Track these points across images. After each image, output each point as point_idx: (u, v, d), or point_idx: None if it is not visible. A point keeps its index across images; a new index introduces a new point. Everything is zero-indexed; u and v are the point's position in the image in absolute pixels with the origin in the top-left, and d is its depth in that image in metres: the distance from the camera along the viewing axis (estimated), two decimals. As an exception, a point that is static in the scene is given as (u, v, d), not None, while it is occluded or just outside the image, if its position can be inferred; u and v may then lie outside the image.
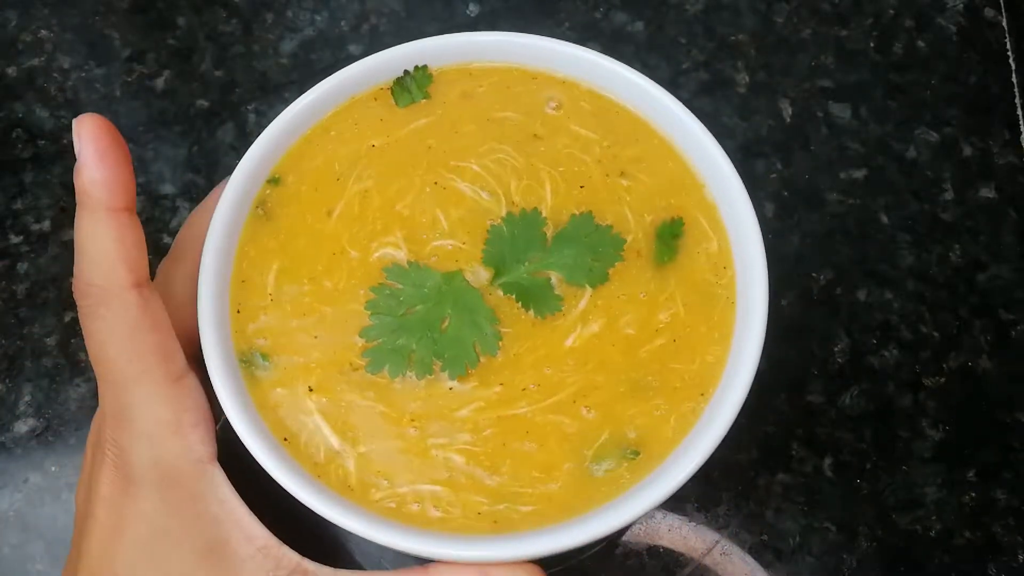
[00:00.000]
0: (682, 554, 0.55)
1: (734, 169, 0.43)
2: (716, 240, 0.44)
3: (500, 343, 0.41)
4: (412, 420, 0.40)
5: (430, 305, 0.41)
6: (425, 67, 0.46)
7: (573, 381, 0.41)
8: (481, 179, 0.45)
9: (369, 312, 0.41)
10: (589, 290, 0.42)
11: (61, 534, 0.56)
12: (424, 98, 0.46)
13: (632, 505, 0.38)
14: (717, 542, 0.55)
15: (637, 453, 0.40)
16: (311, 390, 0.41)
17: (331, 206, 0.44)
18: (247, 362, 0.41)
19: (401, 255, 0.43)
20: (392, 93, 0.46)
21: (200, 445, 0.38)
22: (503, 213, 0.43)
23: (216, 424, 0.40)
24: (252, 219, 0.44)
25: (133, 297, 0.37)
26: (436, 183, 0.44)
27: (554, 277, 0.42)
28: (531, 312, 0.42)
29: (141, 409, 0.37)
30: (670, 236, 0.43)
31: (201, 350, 0.40)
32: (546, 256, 0.42)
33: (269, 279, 0.42)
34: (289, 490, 0.37)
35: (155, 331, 0.38)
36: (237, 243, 0.43)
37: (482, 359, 0.41)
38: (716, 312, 0.42)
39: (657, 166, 0.45)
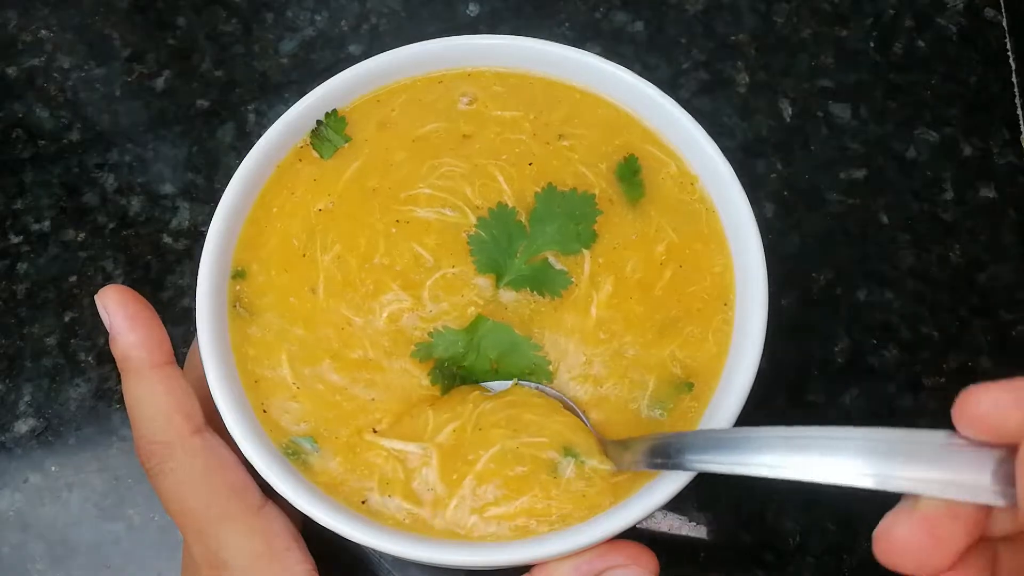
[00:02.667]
0: (682, 554, 0.55)
1: (661, 93, 0.45)
2: (672, 162, 0.45)
3: (550, 366, 0.41)
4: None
5: (473, 359, 0.41)
6: (335, 111, 0.45)
7: (602, 352, 0.42)
8: (437, 199, 0.44)
9: (421, 358, 0.41)
10: (586, 253, 0.43)
11: (61, 534, 0.56)
12: (346, 141, 0.45)
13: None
14: (717, 542, 0.55)
15: (691, 385, 0.41)
16: (375, 431, 0.40)
17: (311, 283, 0.43)
18: (294, 454, 0.40)
19: (406, 305, 0.42)
20: (313, 148, 0.45)
21: (298, 565, 0.38)
22: (473, 221, 0.43)
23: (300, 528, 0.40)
24: (235, 320, 0.42)
25: (197, 443, 0.38)
26: (398, 221, 0.44)
27: (550, 256, 0.43)
28: (547, 296, 0.42)
29: (233, 548, 0.37)
30: (631, 174, 0.44)
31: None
32: (532, 241, 0.43)
33: (284, 371, 0.41)
34: (383, 549, 0.37)
35: (225, 470, 0.38)
36: (231, 348, 0.41)
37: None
38: (704, 225, 0.44)
39: (589, 117, 0.46)
